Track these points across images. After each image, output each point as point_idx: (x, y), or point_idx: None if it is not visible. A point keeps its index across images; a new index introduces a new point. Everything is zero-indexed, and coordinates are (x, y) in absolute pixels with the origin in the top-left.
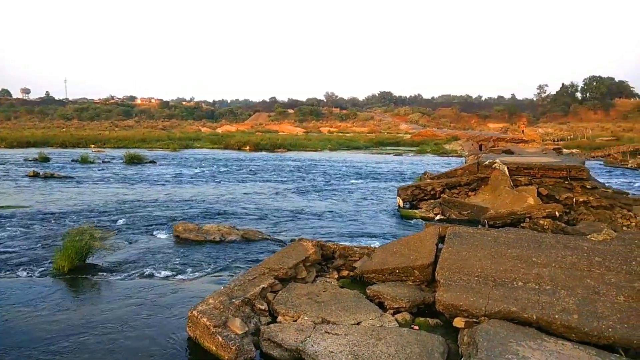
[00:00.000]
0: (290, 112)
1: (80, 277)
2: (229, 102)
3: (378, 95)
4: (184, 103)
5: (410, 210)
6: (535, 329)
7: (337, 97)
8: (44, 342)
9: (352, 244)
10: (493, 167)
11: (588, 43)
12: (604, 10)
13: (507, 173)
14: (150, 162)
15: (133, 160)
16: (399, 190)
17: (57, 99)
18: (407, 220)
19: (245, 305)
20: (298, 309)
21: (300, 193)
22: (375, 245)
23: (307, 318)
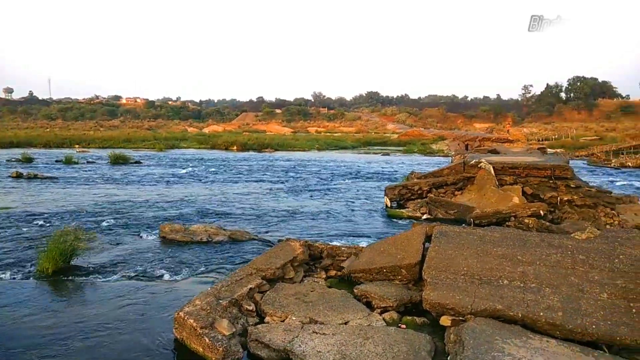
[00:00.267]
0: (278, 112)
1: (65, 279)
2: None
3: (365, 95)
4: (170, 103)
5: (398, 210)
6: (521, 327)
7: (324, 97)
8: (27, 345)
9: (339, 244)
10: (479, 166)
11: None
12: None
13: (492, 172)
14: (136, 162)
15: (118, 161)
16: (387, 190)
17: (40, 99)
18: (394, 220)
19: (233, 306)
20: (286, 309)
21: (288, 193)
22: (363, 245)
23: (294, 318)
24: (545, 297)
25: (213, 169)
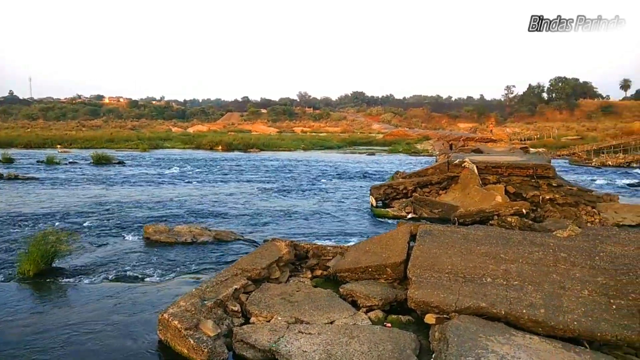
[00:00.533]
0: (263, 111)
1: (47, 281)
2: (201, 101)
3: (351, 95)
4: (154, 102)
5: (383, 209)
6: (504, 324)
7: (310, 97)
8: (6, 349)
9: (325, 244)
10: (463, 166)
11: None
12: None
13: (476, 172)
14: (119, 162)
15: (101, 161)
16: (372, 190)
17: (21, 98)
18: (379, 219)
19: (218, 307)
20: (271, 310)
21: (274, 193)
22: (349, 244)
23: (280, 318)
24: (528, 294)
25: (198, 170)
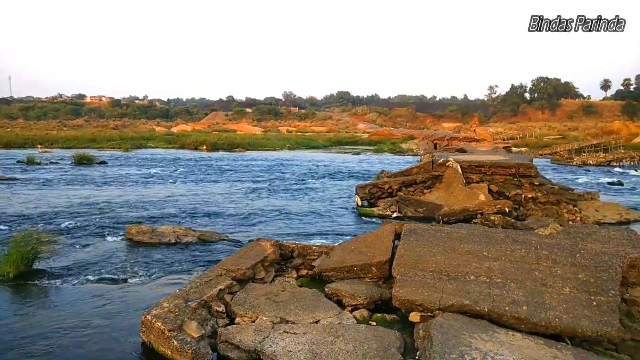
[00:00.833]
0: (248, 111)
1: (27, 283)
2: (185, 100)
3: (336, 95)
4: (137, 101)
5: (368, 209)
6: (487, 321)
7: (295, 96)
8: None
9: (310, 243)
10: (447, 165)
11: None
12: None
13: (459, 171)
14: (101, 162)
15: (83, 161)
16: (357, 189)
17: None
18: (365, 218)
19: (202, 308)
20: (256, 310)
21: (259, 193)
22: (334, 244)
23: (265, 318)
24: (511, 291)
25: (182, 170)
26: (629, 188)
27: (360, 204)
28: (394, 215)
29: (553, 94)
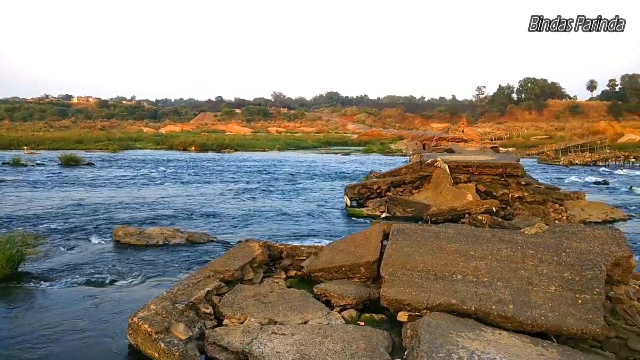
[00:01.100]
0: (238, 111)
1: (12, 286)
2: (173, 101)
3: (325, 96)
4: (124, 102)
5: (358, 209)
6: (474, 320)
7: (284, 97)
8: None
9: (299, 244)
10: (435, 165)
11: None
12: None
13: (448, 171)
14: (88, 164)
15: (69, 163)
16: (346, 189)
17: None
18: (354, 219)
19: (190, 310)
20: (245, 311)
21: (248, 194)
22: (323, 244)
23: (253, 319)
24: (497, 290)
25: (170, 171)
26: (615, 187)
27: (350, 205)
28: (383, 216)
29: (540, 95)
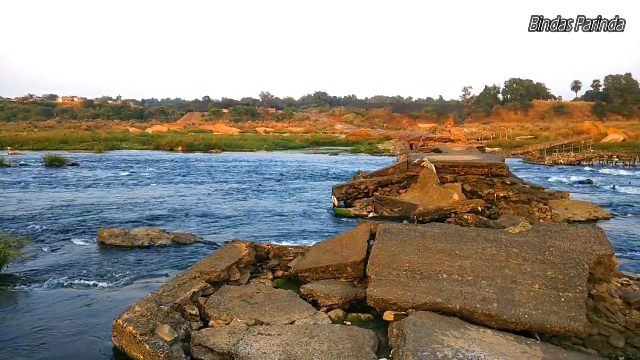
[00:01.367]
0: (225, 111)
1: None
2: (160, 100)
3: (313, 96)
4: (110, 102)
5: (345, 209)
6: (459, 318)
7: (272, 96)
8: None
9: (286, 244)
10: (421, 165)
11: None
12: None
13: (434, 171)
14: (73, 164)
15: (54, 163)
16: (334, 189)
17: None
18: (341, 219)
19: (175, 311)
20: (231, 312)
21: (235, 194)
22: (310, 244)
23: (240, 320)
24: (482, 289)
25: (157, 171)
26: (598, 186)
27: (337, 204)
28: (370, 215)
29: (525, 95)
